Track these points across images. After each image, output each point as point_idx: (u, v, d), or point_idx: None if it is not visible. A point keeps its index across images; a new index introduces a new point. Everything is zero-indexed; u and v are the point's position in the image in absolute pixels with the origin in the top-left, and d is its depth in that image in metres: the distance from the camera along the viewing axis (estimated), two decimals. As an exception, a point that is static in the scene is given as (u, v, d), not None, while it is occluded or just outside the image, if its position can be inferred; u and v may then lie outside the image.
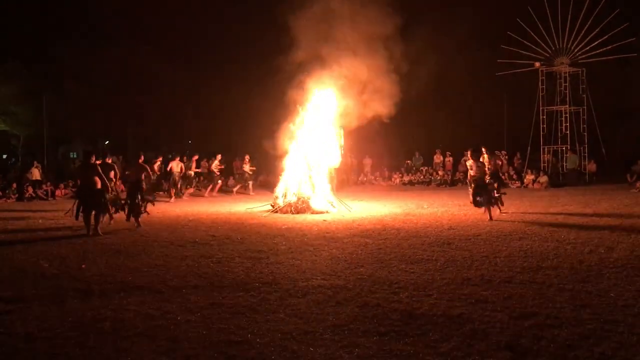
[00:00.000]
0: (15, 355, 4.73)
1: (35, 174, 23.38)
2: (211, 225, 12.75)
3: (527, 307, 5.81)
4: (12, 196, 21.09)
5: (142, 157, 14.35)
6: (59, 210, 16.30)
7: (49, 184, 22.77)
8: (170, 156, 24.28)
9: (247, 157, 22.83)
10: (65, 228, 12.69)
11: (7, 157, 40.83)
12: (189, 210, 16.22)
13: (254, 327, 5.31)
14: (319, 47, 16.08)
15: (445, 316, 5.55)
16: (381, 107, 16.38)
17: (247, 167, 22.73)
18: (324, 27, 16.17)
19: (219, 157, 22.50)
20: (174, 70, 33.51)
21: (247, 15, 30.44)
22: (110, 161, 14.85)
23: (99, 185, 11.50)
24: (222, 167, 22.45)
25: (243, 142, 31.24)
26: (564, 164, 26.32)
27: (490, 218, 12.81)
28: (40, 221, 14.15)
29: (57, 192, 22.38)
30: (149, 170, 14.73)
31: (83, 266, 8.23)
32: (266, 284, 6.94)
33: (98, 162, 12.12)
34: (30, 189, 21.79)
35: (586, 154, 27.26)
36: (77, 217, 11.51)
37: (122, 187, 16.76)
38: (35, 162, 24.80)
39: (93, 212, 11.44)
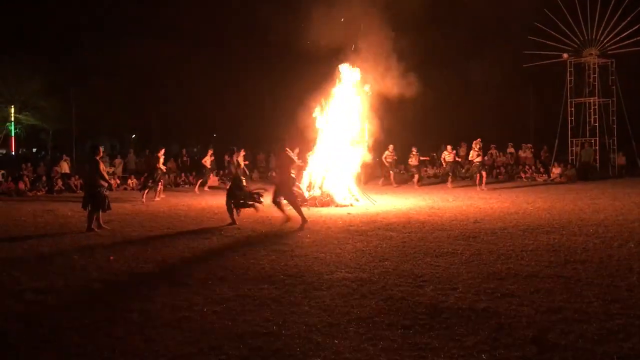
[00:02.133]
0: (45, 346, 4.82)
1: (64, 167, 23.81)
2: (236, 218, 12.80)
3: (554, 302, 5.74)
4: (42, 189, 21.48)
5: (163, 150, 15.71)
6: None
7: (77, 177, 23.15)
8: (195, 149, 24.60)
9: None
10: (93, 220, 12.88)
11: (37, 150, 41.59)
12: (213, 203, 16.34)
13: (279, 319, 5.34)
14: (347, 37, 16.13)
15: (470, 310, 5.51)
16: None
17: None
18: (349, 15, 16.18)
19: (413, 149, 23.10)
20: (199, 63, 33.72)
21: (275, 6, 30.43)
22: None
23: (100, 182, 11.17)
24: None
25: (268, 135, 31.34)
26: (580, 157, 25.92)
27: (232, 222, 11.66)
28: (69, 213, 14.40)
29: (86, 185, 22.76)
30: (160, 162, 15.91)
31: (111, 258, 8.36)
32: (291, 277, 6.96)
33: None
34: (60, 182, 22.18)
35: (615, 147, 26.76)
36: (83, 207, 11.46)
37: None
38: (64, 156, 25.26)
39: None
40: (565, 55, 26.64)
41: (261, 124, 33.87)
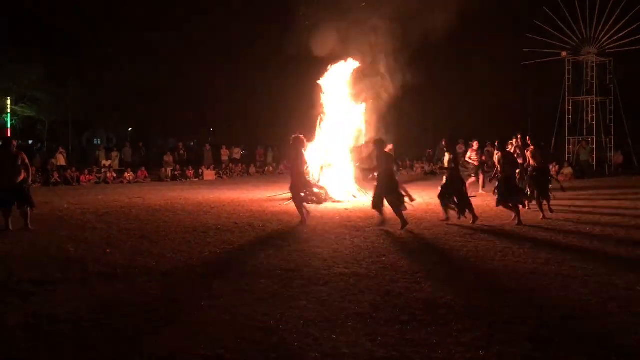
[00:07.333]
0: (40, 336, 4.81)
1: (61, 159, 23.74)
2: (233, 212, 12.82)
3: (551, 299, 5.75)
4: (38, 182, 21.42)
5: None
6: (84, 195, 16.57)
7: (74, 169, 23.11)
8: (193, 143, 24.45)
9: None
10: (90, 213, 12.87)
11: (33, 142, 41.41)
12: (210, 197, 16.33)
13: (277, 313, 5.33)
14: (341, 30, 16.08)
15: (467, 306, 5.52)
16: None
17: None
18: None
19: (475, 144, 17.92)
20: (197, 57, 33.60)
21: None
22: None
23: (22, 176, 10.31)
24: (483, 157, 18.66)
25: (266, 129, 31.32)
26: (578, 156, 25.95)
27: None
28: (65, 206, 14.37)
29: (82, 178, 22.71)
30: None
31: (108, 251, 8.34)
32: (288, 272, 6.96)
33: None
34: (56, 175, 22.13)
35: (612, 145, 26.83)
36: None
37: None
38: (60, 148, 25.15)
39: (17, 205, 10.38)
40: (563, 54, 26.68)
41: (262, 118, 33.83)
